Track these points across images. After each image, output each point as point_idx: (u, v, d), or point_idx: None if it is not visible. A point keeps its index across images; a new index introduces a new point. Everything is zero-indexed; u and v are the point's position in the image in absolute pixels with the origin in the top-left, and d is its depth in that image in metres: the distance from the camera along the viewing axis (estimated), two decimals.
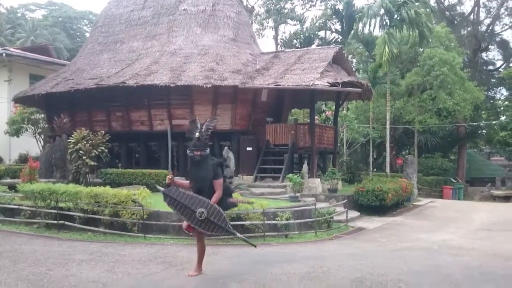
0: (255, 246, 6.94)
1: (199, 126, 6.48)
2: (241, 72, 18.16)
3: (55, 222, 10.81)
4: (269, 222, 10.81)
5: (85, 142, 15.79)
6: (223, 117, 18.17)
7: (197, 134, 6.38)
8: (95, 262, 7.54)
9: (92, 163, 15.67)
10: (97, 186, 11.43)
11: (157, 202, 11.64)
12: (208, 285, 6.28)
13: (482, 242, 10.52)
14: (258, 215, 10.60)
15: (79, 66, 21.29)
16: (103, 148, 16.14)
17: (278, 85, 16.85)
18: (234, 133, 18.33)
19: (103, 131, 16.78)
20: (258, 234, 10.53)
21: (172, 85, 17.08)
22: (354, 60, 37.01)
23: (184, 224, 6.66)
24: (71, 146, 15.77)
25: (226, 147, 16.74)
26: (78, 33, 56.47)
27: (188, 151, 6.39)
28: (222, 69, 18.14)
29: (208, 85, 16.96)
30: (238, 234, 6.61)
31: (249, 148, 18.22)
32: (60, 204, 10.99)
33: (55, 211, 10.85)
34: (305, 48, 20.72)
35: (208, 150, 6.36)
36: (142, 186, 13.93)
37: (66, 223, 10.77)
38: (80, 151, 15.52)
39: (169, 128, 17.88)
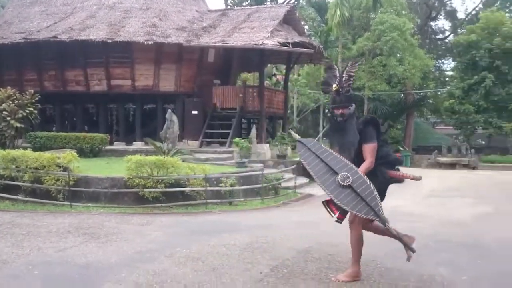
0: (414, 251, 4.83)
1: (337, 74, 4.73)
2: (186, 30, 16.95)
3: None
4: (212, 188, 9.96)
5: (10, 102, 14.25)
6: (167, 78, 17.07)
7: (334, 86, 4.61)
8: (1, 234, 6.43)
9: (19, 125, 14.19)
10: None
11: (86, 167, 10.59)
12: (132, 260, 5.36)
13: (434, 209, 10.16)
14: (199, 180, 9.73)
15: (6, 19, 19.26)
16: (31, 109, 14.68)
17: (226, 43, 15.81)
18: (179, 95, 17.22)
19: (33, 91, 15.25)
20: (200, 201, 9.69)
21: (109, 41, 15.70)
22: (306, 27, 36.22)
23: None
24: None
25: (169, 110, 15.54)
26: None
27: (327, 111, 4.75)
28: (165, 25, 16.85)
29: (150, 42, 15.71)
30: (391, 229, 4.57)
31: (194, 112, 17.17)
32: None
33: None
34: (255, 6, 19.68)
35: (353, 107, 4.62)
36: (74, 150, 12.67)
37: None
38: (4, 112, 13.98)
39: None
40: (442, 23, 43.35)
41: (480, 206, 10.71)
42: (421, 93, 35.22)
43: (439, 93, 36.00)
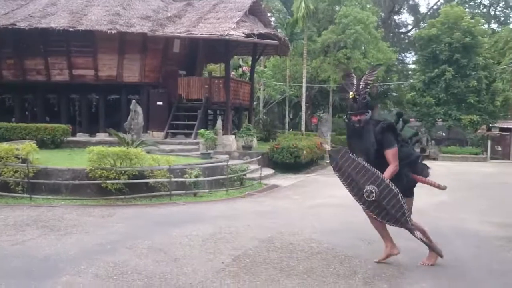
0: (442, 256, 5.17)
1: (355, 82, 5.06)
2: (151, 19, 16.68)
3: None
4: (176, 179, 9.89)
5: None
6: (131, 68, 16.79)
7: (351, 94, 4.96)
8: None
9: None
10: None
11: (47, 159, 10.35)
12: (92, 252, 5.30)
13: None
14: (164, 172, 9.66)
15: None
16: None
17: (191, 34, 15.65)
18: (143, 86, 16.97)
19: None
20: (164, 192, 9.63)
21: (71, 29, 15.30)
22: (273, 18, 36.24)
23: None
24: None
25: (134, 101, 15.30)
26: None
27: (344, 117, 5.07)
28: (129, 14, 16.55)
29: (113, 31, 15.38)
30: (418, 236, 4.97)
31: (159, 103, 16.98)
32: None
33: None
34: None
35: (370, 113, 4.93)
36: (34, 142, 12.32)
37: None
38: None
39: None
40: (405, 17, 44.52)
41: (438, 195, 11.02)
42: (385, 86, 35.92)
43: (402, 85, 36.79)
